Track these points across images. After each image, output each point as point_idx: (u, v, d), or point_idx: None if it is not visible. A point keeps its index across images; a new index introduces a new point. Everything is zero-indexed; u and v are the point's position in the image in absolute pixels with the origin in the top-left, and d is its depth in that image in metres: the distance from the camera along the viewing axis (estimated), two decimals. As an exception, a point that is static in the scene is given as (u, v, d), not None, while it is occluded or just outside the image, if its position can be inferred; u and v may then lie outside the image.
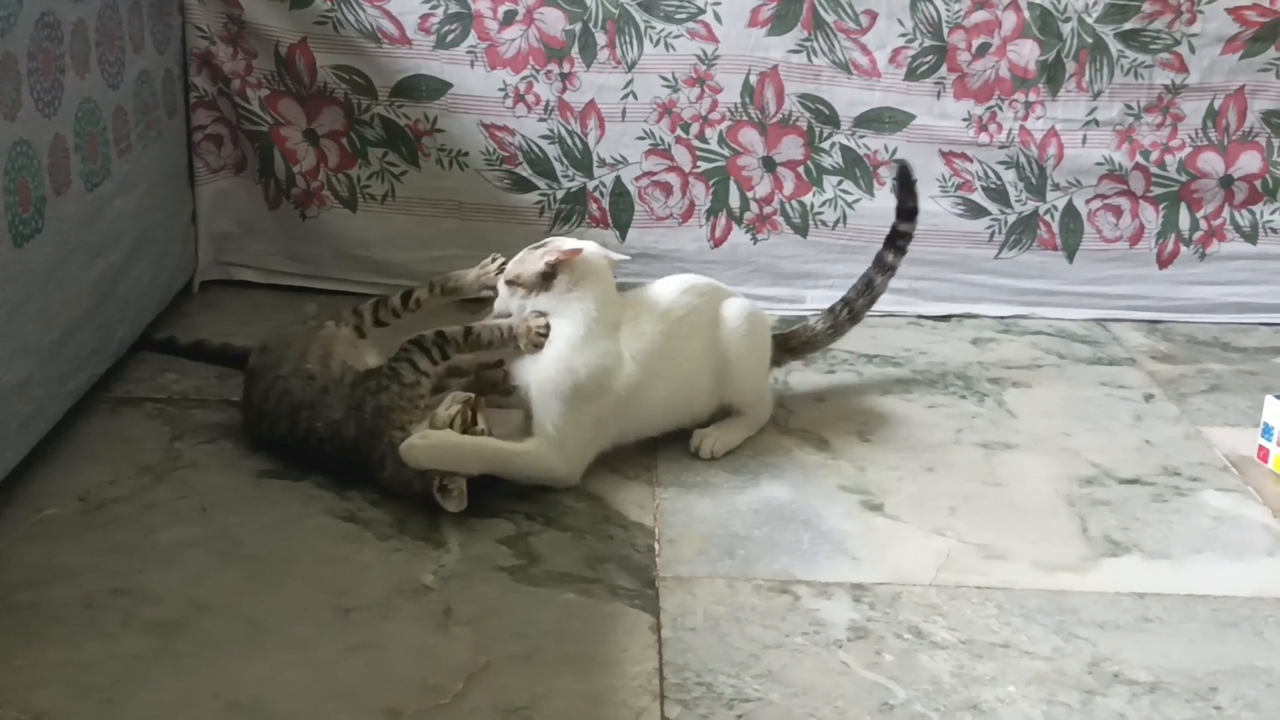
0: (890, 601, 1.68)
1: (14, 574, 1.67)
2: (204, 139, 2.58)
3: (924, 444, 2.12)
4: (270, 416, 1.94)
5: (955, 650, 1.59)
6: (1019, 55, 2.58)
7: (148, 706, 1.44)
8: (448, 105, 2.56)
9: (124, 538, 1.75)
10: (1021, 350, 2.53)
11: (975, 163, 2.63)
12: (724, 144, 2.61)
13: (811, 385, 2.32)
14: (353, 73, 2.54)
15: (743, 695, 1.49)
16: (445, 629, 1.59)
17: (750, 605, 1.66)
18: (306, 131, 2.58)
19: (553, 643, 1.57)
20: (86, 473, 1.90)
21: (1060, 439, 2.16)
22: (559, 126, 2.58)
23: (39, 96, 1.82)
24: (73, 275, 1.95)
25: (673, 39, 2.55)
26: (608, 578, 1.71)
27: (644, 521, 1.85)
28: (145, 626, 1.58)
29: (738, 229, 2.66)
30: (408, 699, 1.45)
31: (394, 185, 2.61)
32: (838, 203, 2.64)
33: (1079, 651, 1.60)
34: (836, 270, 2.65)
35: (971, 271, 2.67)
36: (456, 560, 1.74)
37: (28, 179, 1.79)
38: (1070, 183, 2.64)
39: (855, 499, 1.94)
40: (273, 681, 1.48)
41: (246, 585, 1.67)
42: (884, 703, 1.49)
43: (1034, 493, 1.99)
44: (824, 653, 1.57)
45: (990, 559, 1.79)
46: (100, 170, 2.04)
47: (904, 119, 2.60)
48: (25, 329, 1.79)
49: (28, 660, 1.51)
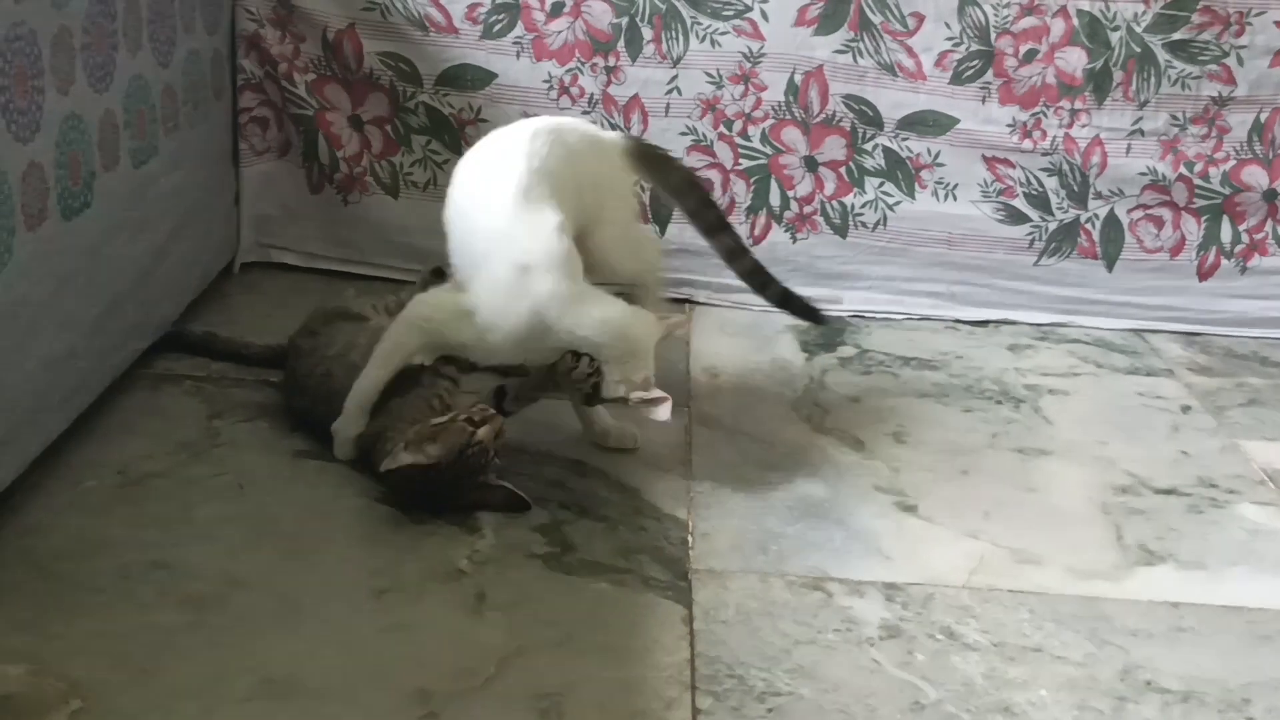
0: (923, 602, 1.68)
1: (53, 544, 1.68)
2: (249, 121, 2.59)
3: (959, 447, 2.12)
4: (311, 395, 1.96)
5: (987, 652, 1.59)
6: (1066, 62, 2.57)
7: (182, 678, 1.45)
8: (492, 95, 2.57)
9: (162, 512, 1.77)
10: (1059, 358, 2.52)
11: (1018, 169, 2.62)
12: (766, 142, 2.61)
13: (847, 386, 2.32)
14: (399, 60, 2.55)
15: (774, 689, 1.49)
16: (479, 613, 1.60)
17: (782, 601, 1.67)
18: (351, 117, 2.59)
19: (585, 630, 1.58)
20: (126, 447, 1.92)
21: (1096, 447, 2.15)
22: (602, 119, 2.58)
23: (91, 71, 1.84)
24: (118, 251, 1.96)
25: (719, 35, 2.55)
26: (641, 569, 1.71)
27: (678, 514, 1.85)
28: (181, 600, 1.59)
29: (777, 227, 2.66)
30: (440, 680, 1.46)
31: (436, 173, 2.62)
32: (878, 204, 2.63)
33: (1111, 658, 1.59)
34: (875, 272, 2.65)
35: (1010, 278, 2.66)
36: (491, 546, 1.74)
37: (78, 153, 1.80)
38: (1113, 192, 2.63)
39: (889, 499, 1.94)
40: (306, 658, 1.49)
41: (281, 563, 1.68)
42: (915, 702, 1.49)
43: (1069, 499, 1.98)
44: (855, 650, 1.57)
45: (1024, 563, 1.79)
46: (148, 147, 2.06)
47: (948, 122, 2.59)
48: (71, 303, 1.81)
49: (65, 629, 1.52)
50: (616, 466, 1.97)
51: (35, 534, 1.69)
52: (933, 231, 2.64)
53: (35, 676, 1.43)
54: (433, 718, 1.41)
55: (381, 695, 1.44)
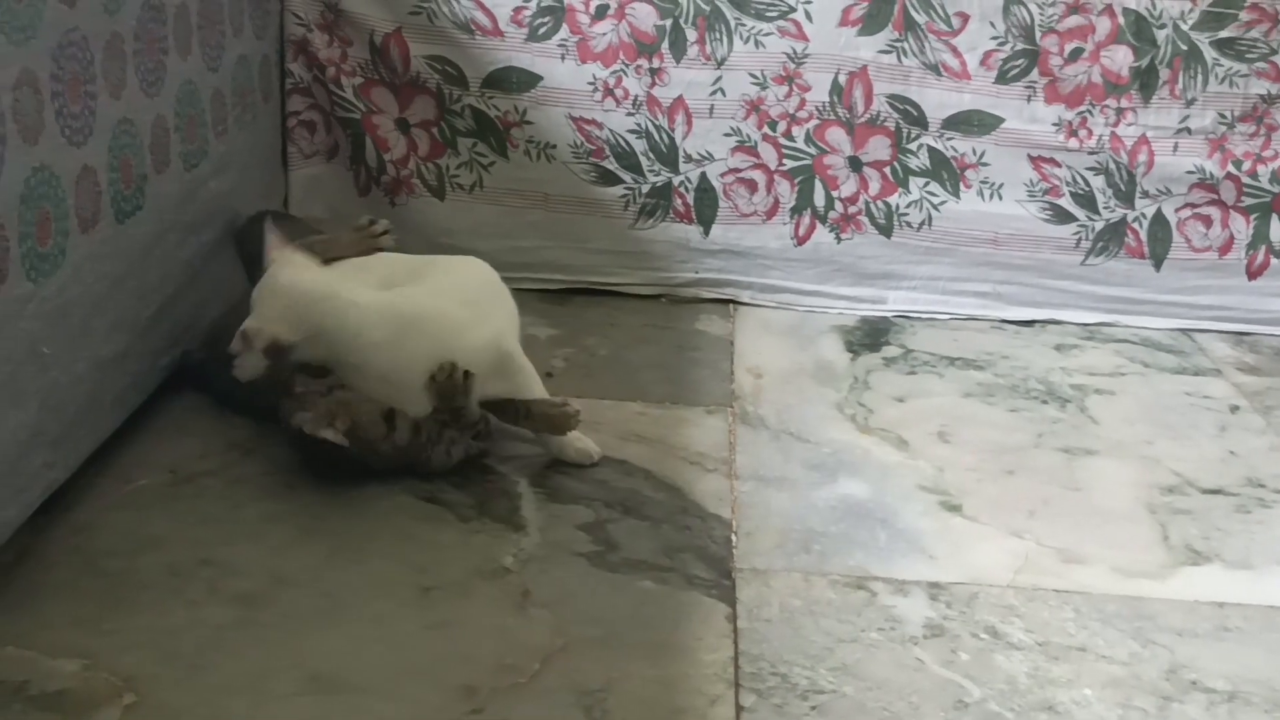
0: (967, 601, 1.68)
1: (105, 542, 1.71)
2: (298, 125, 2.62)
3: (1004, 447, 2.11)
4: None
5: (1031, 651, 1.58)
6: (1112, 61, 2.56)
7: (230, 674, 1.47)
8: (537, 98, 2.58)
9: (211, 510, 1.79)
10: (1105, 358, 2.50)
11: (1064, 168, 2.61)
12: (811, 142, 2.61)
13: (891, 386, 2.32)
14: (445, 63, 2.57)
15: (817, 687, 1.49)
16: (523, 610, 1.61)
17: (826, 599, 1.67)
18: (398, 120, 2.62)
19: (629, 628, 1.59)
20: (177, 446, 1.94)
21: (1142, 447, 2.14)
22: (646, 121, 2.59)
23: (143, 77, 1.87)
24: (169, 253, 1.99)
25: (763, 36, 2.55)
26: (684, 567, 1.72)
27: (721, 513, 1.86)
28: (229, 596, 1.61)
29: (821, 228, 2.66)
30: (485, 677, 1.47)
31: (482, 175, 2.64)
32: (923, 204, 2.63)
33: (1156, 658, 1.59)
34: (920, 272, 2.65)
35: (1057, 277, 2.65)
36: (536, 544, 1.76)
37: (130, 157, 1.83)
38: (1160, 191, 2.61)
39: (933, 499, 1.94)
40: (352, 654, 1.51)
41: (328, 560, 1.70)
42: (959, 700, 1.49)
43: (1115, 499, 1.97)
44: (899, 649, 1.58)
45: (1069, 563, 1.78)
46: (198, 151, 2.09)
47: (993, 122, 2.58)
48: (124, 304, 1.84)
49: (117, 625, 1.55)
50: (660, 466, 1.97)
51: (88, 532, 1.72)
52: (978, 231, 2.63)
53: (89, 671, 1.46)
54: (478, 714, 1.42)
55: (427, 691, 1.45)
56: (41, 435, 1.63)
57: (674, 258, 2.67)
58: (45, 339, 1.61)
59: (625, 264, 2.66)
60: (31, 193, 1.56)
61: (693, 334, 2.51)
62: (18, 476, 1.59)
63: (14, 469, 1.57)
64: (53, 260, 1.62)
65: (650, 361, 2.35)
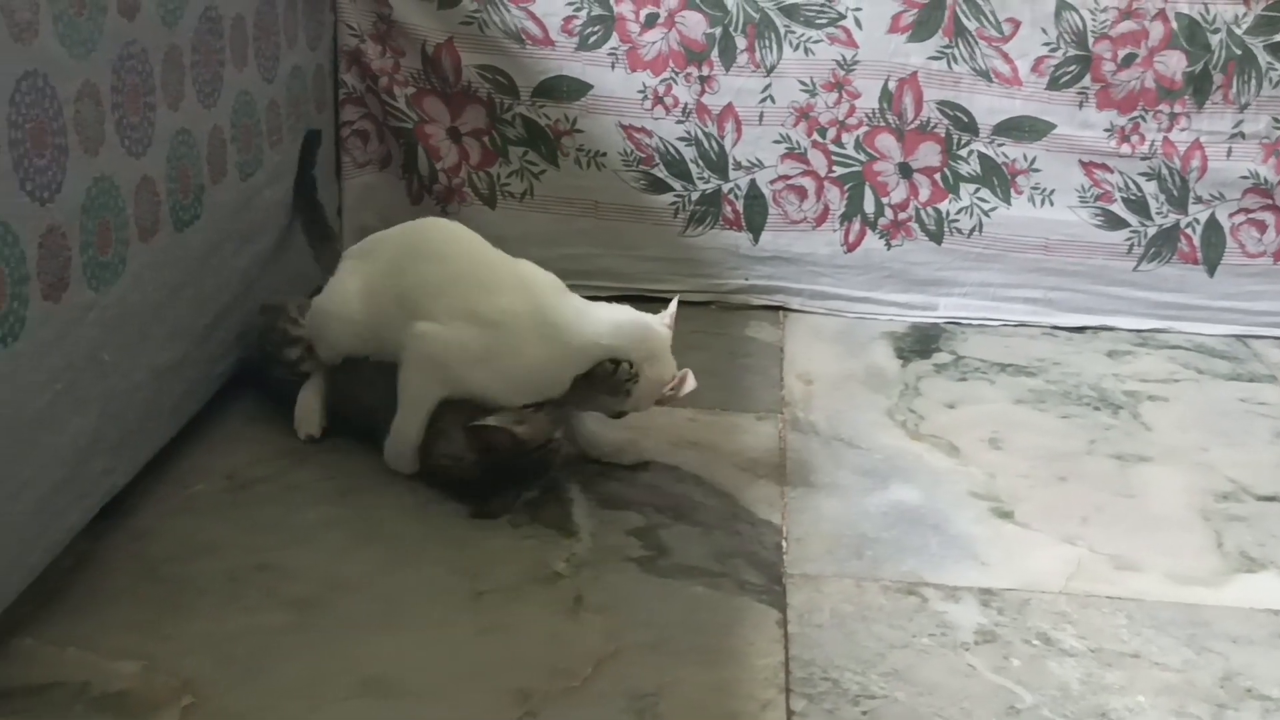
0: (1019, 607, 1.67)
1: (163, 547, 1.73)
2: (351, 134, 2.65)
3: (1056, 453, 2.10)
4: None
5: (1084, 658, 1.58)
6: (1165, 66, 2.54)
7: (287, 678, 1.48)
8: (587, 106, 2.60)
9: (267, 516, 1.81)
10: (1158, 364, 2.49)
11: (1116, 174, 2.59)
12: (860, 149, 2.61)
13: (942, 392, 2.31)
14: (496, 72, 2.59)
15: (868, 692, 1.49)
16: (576, 615, 1.62)
17: (877, 605, 1.67)
18: (450, 129, 2.64)
19: (680, 633, 1.59)
20: (233, 453, 1.97)
21: (1196, 453, 2.12)
22: (696, 129, 2.60)
23: (200, 88, 1.90)
24: (225, 261, 2.02)
25: (812, 44, 2.55)
26: (735, 573, 1.73)
27: (772, 519, 1.86)
28: (286, 601, 1.63)
29: (871, 234, 2.66)
30: (538, 681, 1.48)
31: (533, 184, 2.66)
32: (974, 210, 2.62)
33: (1211, 665, 1.57)
34: (971, 278, 2.64)
35: (1109, 283, 2.64)
36: (588, 550, 1.76)
37: (188, 167, 1.86)
38: (1213, 196, 2.60)
39: (985, 505, 1.93)
40: (407, 658, 1.52)
41: (382, 566, 1.71)
42: (1010, 706, 1.48)
43: (1168, 505, 1.96)
44: (951, 655, 1.57)
45: (1122, 569, 1.78)
46: (253, 160, 2.11)
47: (1044, 128, 2.57)
48: (181, 312, 1.86)
49: (175, 629, 1.57)
50: (711, 472, 1.98)
51: (146, 538, 1.75)
52: (1029, 237, 2.62)
53: (148, 674, 1.48)
54: (531, 717, 1.43)
55: (481, 695, 1.46)
56: (101, 441, 1.65)
57: (724, 264, 2.67)
58: (105, 346, 1.64)
59: (675, 271, 2.67)
60: (92, 203, 1.59)
61: (743, 340, 2.52)
62: (78, 482, 1.61)
63: (75, 474, 1.60)
64: (113, 269, 1.65)
65: (701, 368, 2.33)
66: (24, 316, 1.45)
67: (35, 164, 1.46)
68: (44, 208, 1.48)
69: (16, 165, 1.42)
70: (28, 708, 1.42)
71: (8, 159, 1.40)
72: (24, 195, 1.44)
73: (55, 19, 1.48)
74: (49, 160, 1.49)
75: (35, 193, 1.46)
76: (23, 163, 1.43)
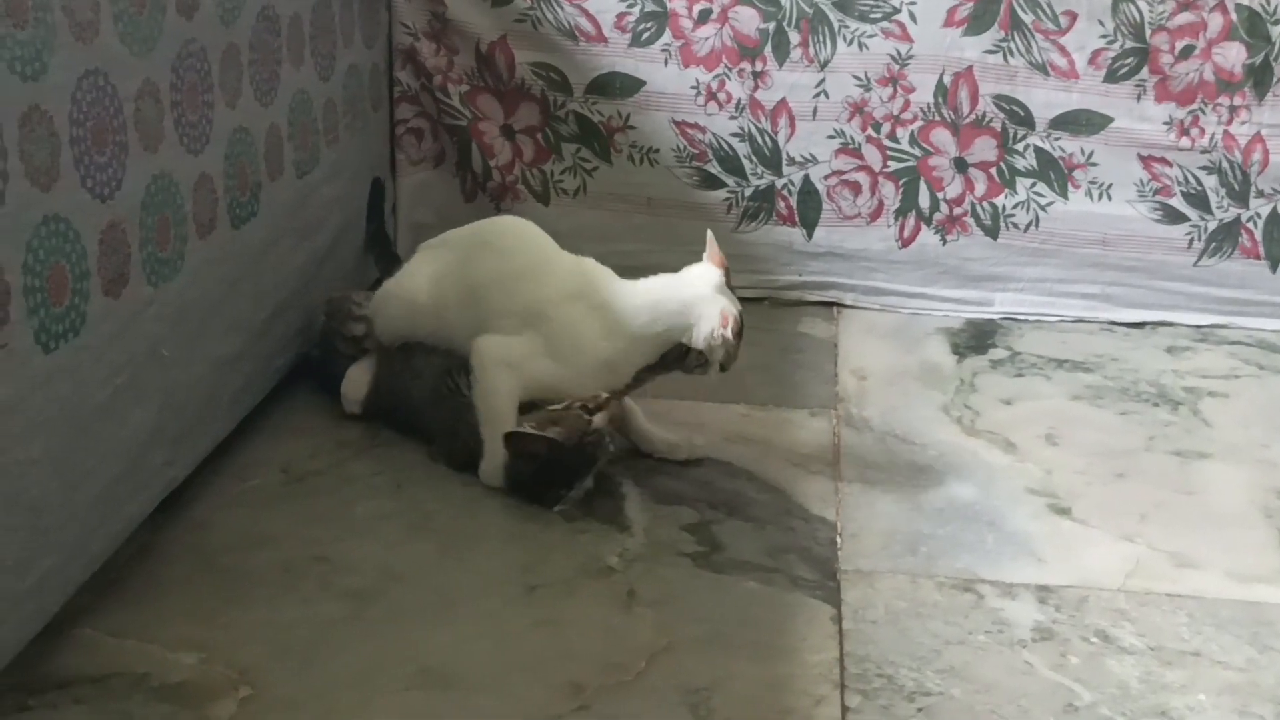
0: (1077, 605, 1.66)
1: (220, 539, 1.75)
2: (405, 132, 2.66)
3: (1114, 450, 2.08)
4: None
5: (1144, 656, 1.56)
6: (1225, 58, 2.51)
7: (343, 667, 1.50)
8: (640, 102, 2.60)
9: (323, 508, 1.83)
10: (1218, 360, 2.45)
11: (1175, 167, 2.56)
12: (915, 144, 2.59)
13: (998, 388, 2.29)
14: (550, 70, 2.59)
15: (924, 689, 1.49)
16: (628, 609, 1.62)
17: (932, 602, 1.66)
18: (504, 127, 2.65)
19: (734, 628, 1.59)
20: (289, 446, 1.99)
21: (1258, 450, 2.10)
22: (749, 124, 2.60)
23: (258, 86, 1.91)
24: (282, 258, 2.03)
25: (866, 38, 2.54)
26: (789, 568, 1.72)
27: (826, 515, 1.86)
28: (341, 592, 1.64)
29: (926, 229, 2.64)
30: (591, 674, 1.49)
31: (586, 180, 2.66)
32: (1030, 205, 2.60)
33: (1274, 664, 1.55)
34: (1027, 274, 2.62)
35: (1168, 279, 2.60)
36: (640, 544, 1.77)
37: (246, 164, 1.88)
38: (1275, 190, 2.56)
39: (1042, 502, 1.91)
40: (461, 650, 1.53)
41: (436, 558, 1.72)
42: (1068, 704, 1.47)
43: (1229, 502, 1.93)
44: (1007, 652, 1.56)
45: (1182, 567, 1.75)
46: (310, 158, 2.13)
47: (1102, 121, 2.55)
48: (239, 307, 1.88)
49: (231, 619, 1.58)
50: (764, 468, 1.98)
51: (204, 529, 1.77)
52: (1087, 232, 2.60)
53: (206, 664, 1.49)
54: (584, 710, 1.43)
55: (534, 688, 1.47)
56: (161, 434, 1.67)
57: (777, 260, 2.66)
58: (165, 341, 1.66)
59: (729, 267, 2.66)
60: (152, 199, 1.61)
61: (796, 336, 2.51)
62: (139, 474, 1.63)
63: (135, 466, 1.62)
64: (172, 265, 1.67)
65: (754, 364, 2.34)
66: (85, 312, 1.47)
67: (96, 161, 1.48)
68: (104, 204, 1.50)
69: (77, 162, 1.44)
70: (88, 697, 1.43)
71: (69, 156, 1.42)
72: (85, 192, 1.46)
73: (116, 18, 1.50)
74: (109, 157, 1.51)
75: (96, 190, 1.48)
76: (83, 160, 1.45)
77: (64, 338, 1.43)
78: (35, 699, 1.43)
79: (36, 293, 1.37)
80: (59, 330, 1.42)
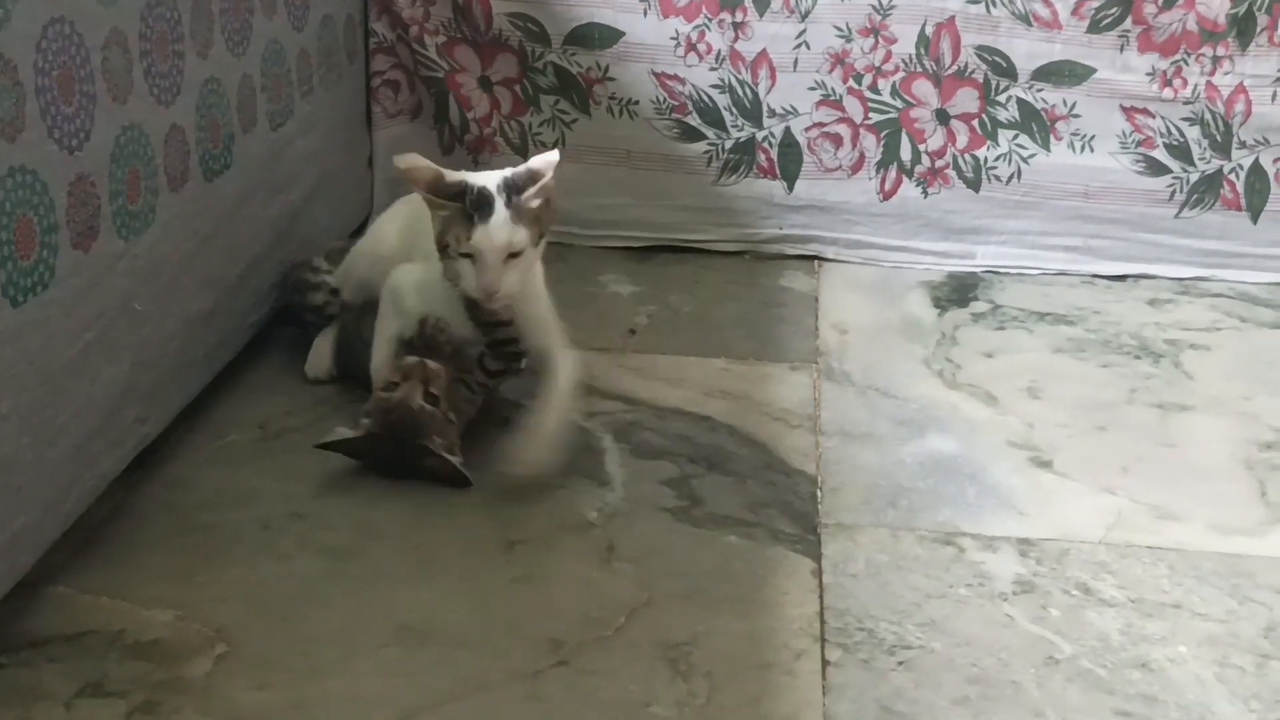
0: (1057, 558, 1.65)
1: (196, 496, 1.74)
2: (382, 84, 2.63)
3: (1096, 403, 2.08)
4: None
5: (1124, 608, 1.56)
6: (1208, 8, 2.48)
7: (321, 624, 1.49)
8: (619, 54, 2.57)
9: (300, 465, 1.81)
10: (1200, 312, 2.45)
11: (1158, 118, 2.54)
12: (897, 96, 2.57)
13: (980, 342, 2.28)
14: (527, 20, 2.56)
15: (904, 642, 1.48)
16: (608, 565, 1.62)
17: (913, 555, 1.65)
18: (481, 78, 2.62)
19: (714, 583, 1.58)
20: (266, 403, 1.97)
21: (1239, 403, 2.09)
22: (730, 76, 2.57)
23: (229, 36, 1.88)
24: (256, 212, 2.01)
25: (848, -12, 2.52)
26: (769, 522, 1.71)
27: (806, 469, 1.85)
28: (319, 550, 1.63)
29: (908, 182, 2.62)
30: (571, 630, 1.48)
31: (565, 133, 2.63)
32: (1012, 157, 2.58)
33: (1254, 615, 1.55)
34: (1009, 226, 2.60)
35: (1150, 231, 2.59)
36: (620, 499, 1.76)
37: (218, 115, 1.85)
38: (1257, 141, 2.54)
39: (1023, 455, 1.91)
40: (440, 607, 1.52)
41: (415, 515, 1.71)
42: (1049, 657, 1.47)
43: (1210, 455, 1.93)
44: (988, 605, 1.56)
45: (1163, 519, 1.75)
46: (284, 110, 2.10)
47: (1084, 72, 2.53)
48: (213, 261, 1.86)
49: (209, 577, 1.57)
50: (745, 422, 1.97)
51: (180, 487, 1.75)
52: (1069, 184, 2.58)
53: (182, 622, 1.48)
54: (563, 665, 1.43)
55: (514, 643, 1.46)
56: (134, 390, 1.65)
57: (758, 214, 2.64)
58: (137, 295, 1.64)
59: (709, 221, 2.65)
60: (121, 151, 1.58)
61: (777, 290, 2.50)
62: (112, 431, 1.61)
63: (108, 423, 1.60)
64: (143, 218, 1.65)
65: (734, 318, 2.34)
66: (54, 265, 1.45)
67: (63, 112, 1.45)
68: (73, 156, 1.48)
69: (44, 113, 1.41)
70: (62, 655, 1.42)
71: (35, 107, 1.39)
72: (52, 143, 1.44)
73: (81, -36, 1.47)
74: (77, 108, 1.48)
75: (63, 141, 1.46)
76: (50, 110, 1.42)
77: (32, 291, 1.41)
78: (8, 657, 1.41)
79: (4, 245, 1.35)
80: (27, 284, 1.40)
